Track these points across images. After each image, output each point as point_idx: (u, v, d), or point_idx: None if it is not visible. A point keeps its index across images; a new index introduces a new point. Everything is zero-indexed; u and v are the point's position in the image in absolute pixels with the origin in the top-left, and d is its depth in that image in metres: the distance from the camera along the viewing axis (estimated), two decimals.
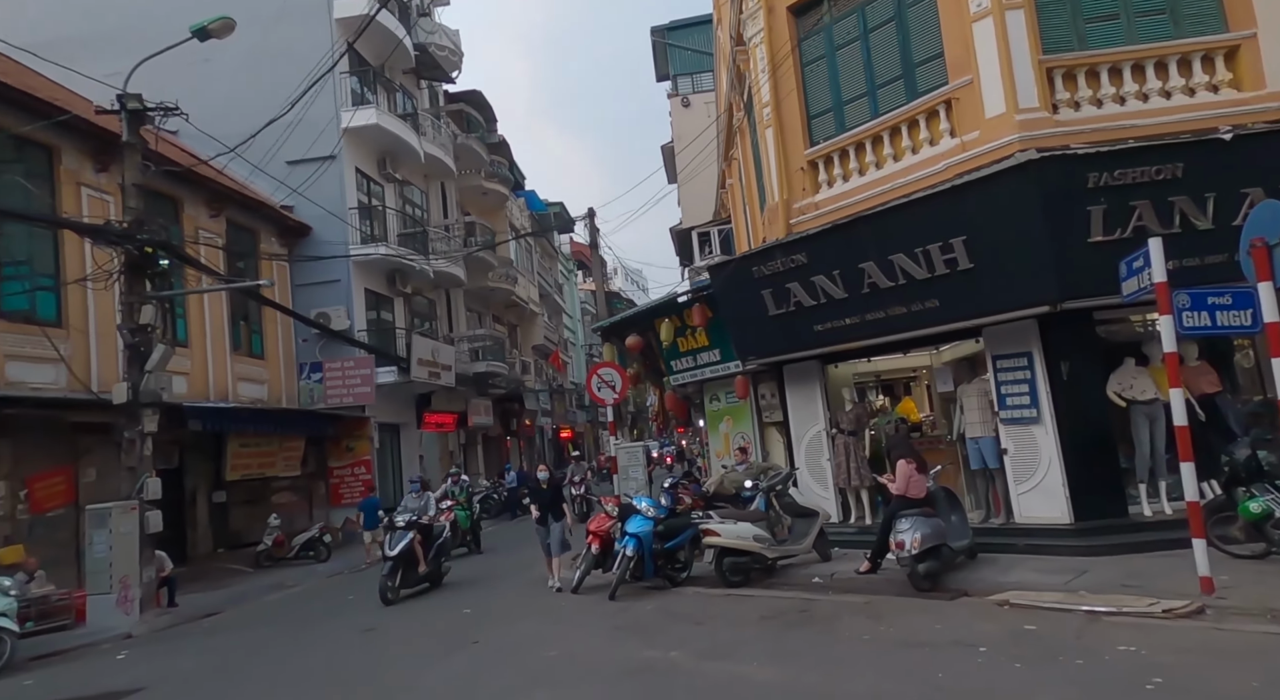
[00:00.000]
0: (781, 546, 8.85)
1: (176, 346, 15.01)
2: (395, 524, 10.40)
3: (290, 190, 18.19)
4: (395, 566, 10.08)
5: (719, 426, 12.17)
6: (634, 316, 12.31)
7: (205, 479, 15.49)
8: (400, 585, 10.07)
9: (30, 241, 12.32)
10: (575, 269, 43.74)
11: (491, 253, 25.05)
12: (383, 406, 19.02)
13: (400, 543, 10.12)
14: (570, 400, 37.70)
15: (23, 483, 11.59)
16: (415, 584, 10.38)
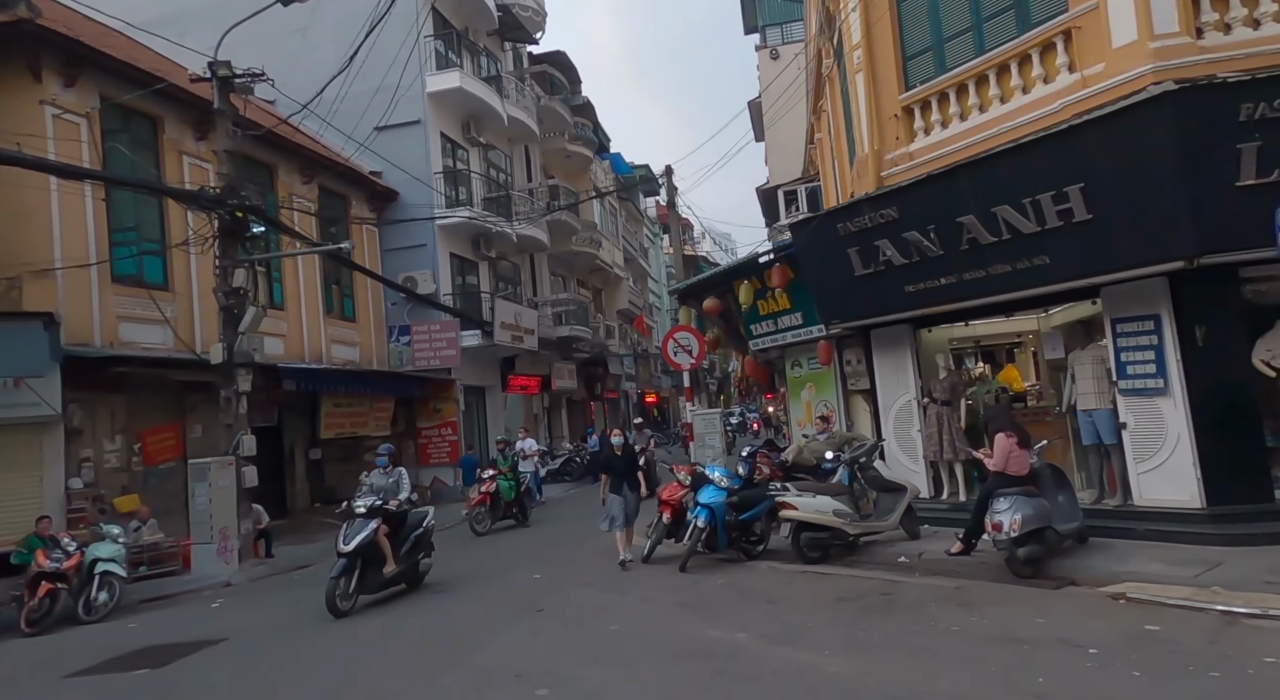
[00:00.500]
0: (865, 522, 8.25)
1: (272, 310, 15.58)
2: (355, 510, 8.00)
3: (378, 156, 18.44)
4: (349, 565, 7.60)
5: (800, 394, 11.53)
6: (712, 278, 11.74)
7: (302, 437, 16.10)
8: (358, 589, 7.76)
9: (138, 209, 12.85)
10: (660, 233, 43.11)
11: (575, 216, 24.81)
12: (468, 369, 19.26)
13: (357, 536, 7.65)
14: (655, 365, 37.44)
15: (137, 437, 12.27)
16: (378, 588, 8.02)
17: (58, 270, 11.17)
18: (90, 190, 11.64)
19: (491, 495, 12.81)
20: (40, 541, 9.45)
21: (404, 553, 8.32)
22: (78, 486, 10.92)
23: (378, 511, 7.94)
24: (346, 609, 7.46)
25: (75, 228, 11.52)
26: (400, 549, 8.26)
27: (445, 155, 19.92)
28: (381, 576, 7.95)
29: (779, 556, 8.51)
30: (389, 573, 8.02)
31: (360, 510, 7.89)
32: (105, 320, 11.87)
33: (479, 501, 12.74)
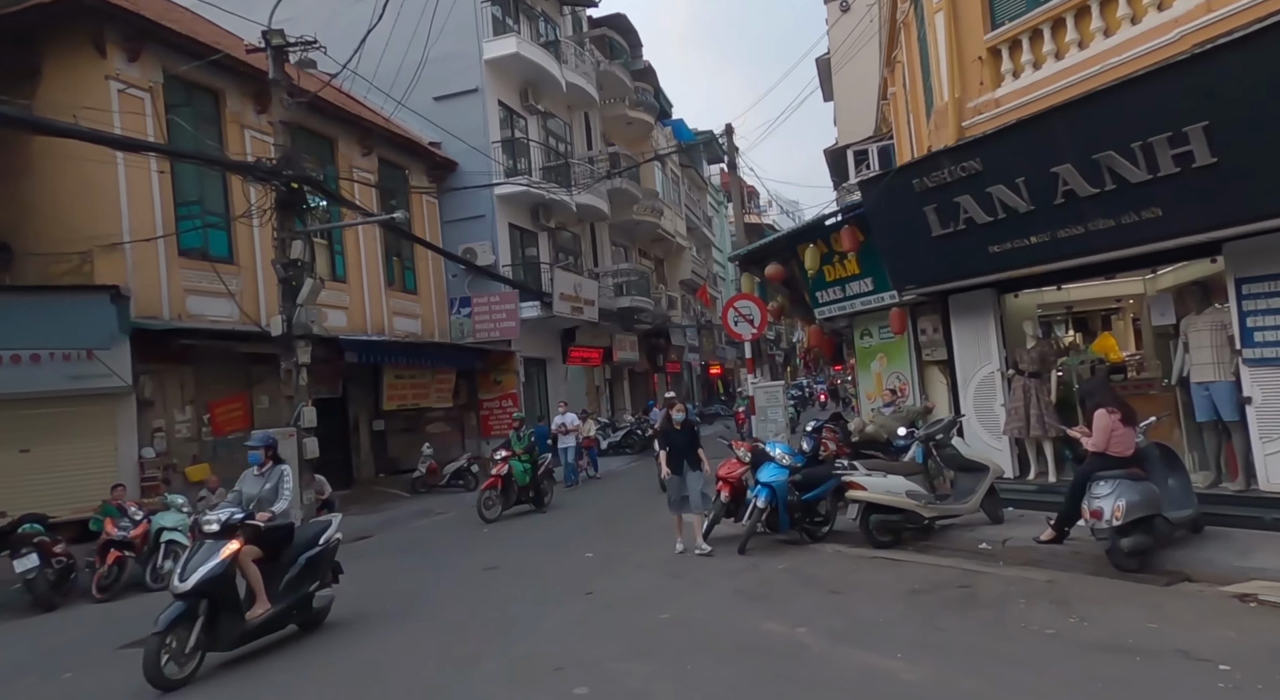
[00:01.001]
0: (941, 504, 7.54)
1: (335, 283, 15.64)
2: (204, 529, 5.54)
3: (437, 127, 18.22)
4: (185, 613, 5.18)
5: (870, 365, 10.76)
6: (775, 243, 11.02)
7: (366, 408, 16.22)
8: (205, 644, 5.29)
9: (202, 183, 12.93)
10: (725, 201, 41.99)
11: (636, 184, 24.19)
12: (528, 341, 19.07)
13: (199, 569, 5.24)
14: (719, 336, 36.69)
15: (206, 408, 12.49)
16: (239, 640, 5.49)
17: (126, 244, 11.33)
18: (155, 164, 11.75)
19: (503, 478, 11.72)
20: (114, 510, 9.70)
21: (285, 584, 5.84)
22: (150, 456, 11.16)
23: (234, 529, 5.50)
24: (179, 677, 5.07)
25: (142, 202, 11.65)
26: (281, 580, 5.82)
27: (504, 124, 19.57)
28: (243, 624, 5.47)
29: (845, 539, 7.90)
30: (258, 617, 5.55)
31: (211, 528, 5.42)
32: (173, 293, 12.03)
33: (489, 485, 11.71)
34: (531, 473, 12.02)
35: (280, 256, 11.61)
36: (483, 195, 18.72)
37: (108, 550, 8.58)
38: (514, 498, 11.86)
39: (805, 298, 11.54)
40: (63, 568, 8.34)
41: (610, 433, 20.98)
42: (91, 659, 5.94)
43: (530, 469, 12.00)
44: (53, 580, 8.16)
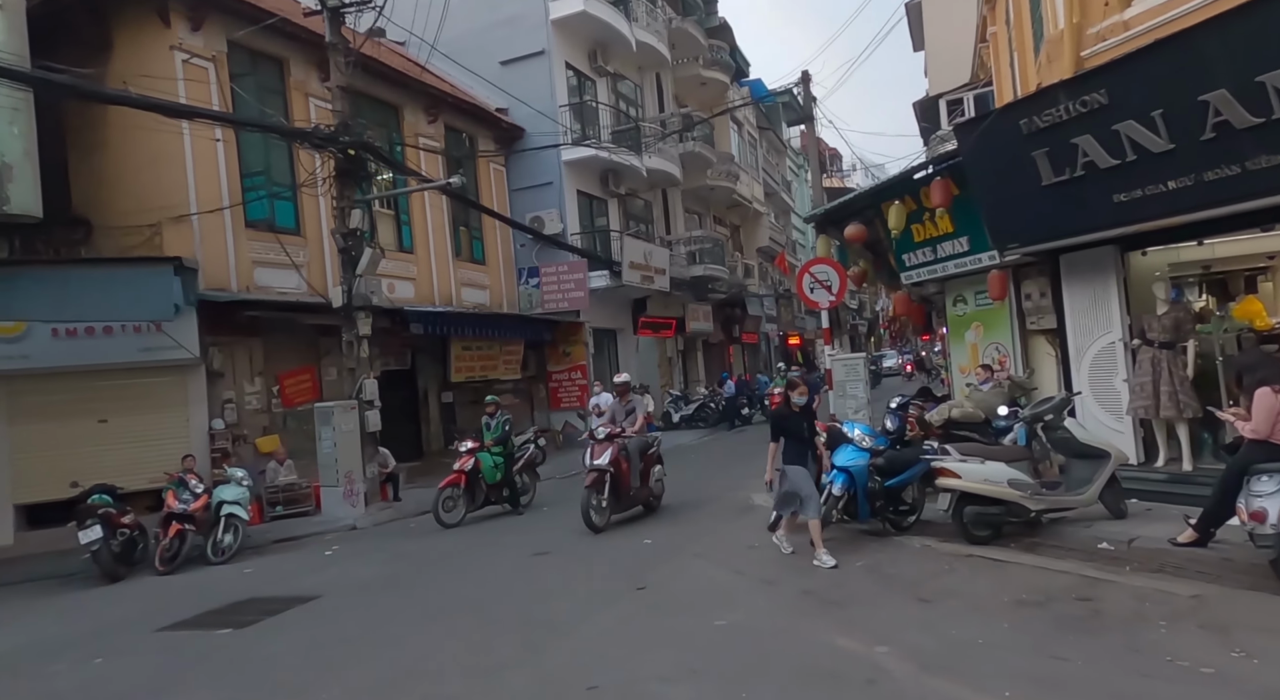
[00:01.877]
0: (1051, 496, 6.48)
1: (402, 253, 15.42)
2: None
3: (503, 93, 17.66)
4: None
5: (964, 335, 9.59)
6: (856, 201, 9.91)
7: (435, 380, 16.05)
8: None
9: (268, 153, 12.79)
10: (805, 164, 40.03)
11: (710, 148, 23.07)
12: (597, 311, 18.49)
13: None
14: (797, 306, 35.23)
15: (275, 379, 12.49)
16: None
17: (193, 216, 11.28)
18: (220, 134, 11.61)
19: (467, 475, 9.75)
20: (176, 483, 9.68)
21: None
22: (219, 427, 11.19)
23: None
24: None
25: (208, 173, 11.56)
26: None
27: (571, 89, 18.83)
28: None
29: (934, 531, 6.96)
30: None
31: None
32: (240, 265, 11.98)
33: (450, 482, 9.71)
34: (504, 468, 10.21)
35: (340, 226, 11.36)
36: (550, 161, 18.12)
37: (170, 523, 8.53)
38: (482, 498, 10.06)
39: (890, 261, 10.42)
40: (126, 539, 8.33)
41: (683, 406, 20.30)
42: (130, 641, 5.73)
43: (503, 463, 10.19)
44: (117, 552, 8.15)
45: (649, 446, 9.26)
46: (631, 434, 8.90)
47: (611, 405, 9.62)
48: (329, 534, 10.06)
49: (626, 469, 8.59)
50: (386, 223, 15.29)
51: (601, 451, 8.45)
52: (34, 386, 10.10)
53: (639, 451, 8.91)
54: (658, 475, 9.40)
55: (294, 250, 12.73)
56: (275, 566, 8.27)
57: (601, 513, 8.32)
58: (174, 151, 11.17)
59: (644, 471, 9.07)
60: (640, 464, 8.96)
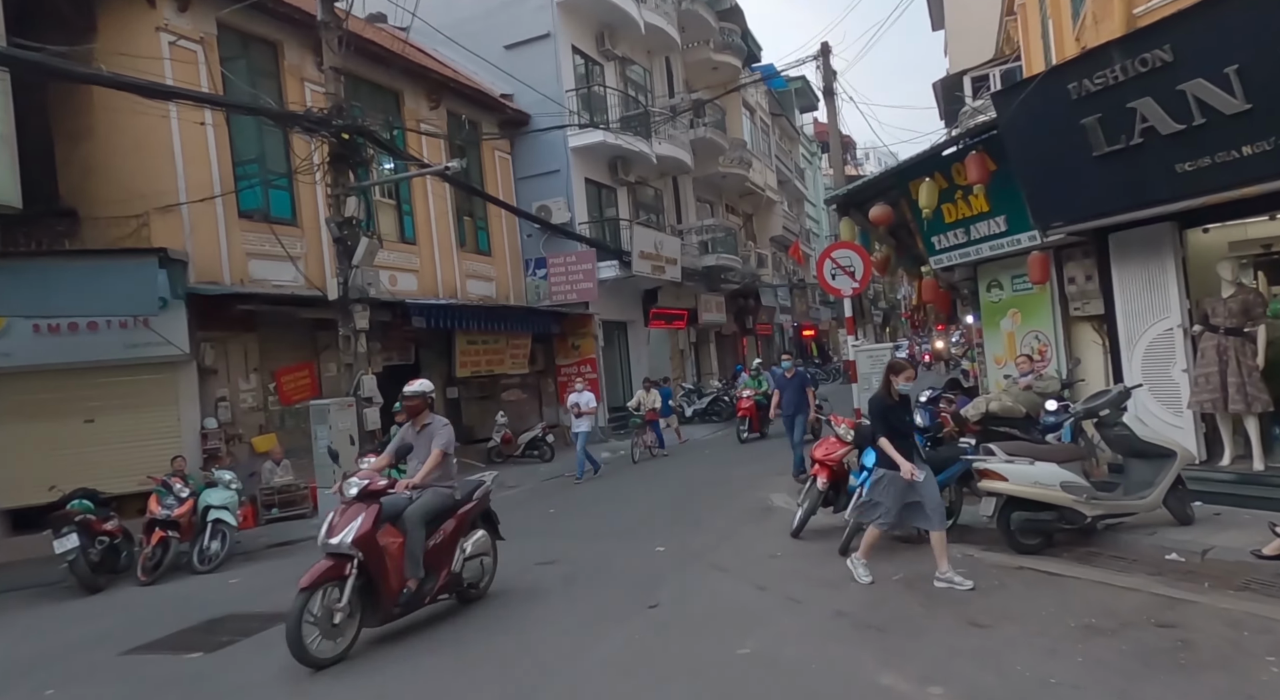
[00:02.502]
0: (1109, 500, 5.81)
1: (404, 245, 14.84)
2: None
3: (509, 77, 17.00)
4: None
5: (999, 323, 8.88)
6: (881, 180, 9.21)
7: (439, 375, 15.46)
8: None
9: (262, 140, 12.22)
10: (819, 152, 39.19)
11: (722, 134, 22.34)
12: (607, 303, 17.87)
13: None
14: (813, 296, 34.47)
15: (272, 376, 11.96)
16: None
17: (182, 205, 10.74)
18: (210, 117, 11.03)
19: None
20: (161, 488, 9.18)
21: None
22: (212, 426, 10.67)
23: None
24: None
25: (197, 160, 10.99)
26: None
27: (578, 75, 18.16)
28: None
29: (975, 537, 6.31)
30: None
31: None
32: (234, 257, 11.44)
33: None
34: None
35: (335, 215, 10.77)
36: (557, 149, 17.48)
37: (152, 530, 8.01)
38: None
39: (917, 245, 9.73)
40: (107, 547, 7.82)
41: (695, 399, 19.67)
42: (92, 665, 5.19)
43: None
44: (96, 561, 7.65)
45: (453, 505, 5.52)
46: (410, 487, 5.21)
47: (403, 432, 5.95)
48: None
49: (395, 554, 5.01)
50: (387, 213, 14.72)
51: (347, 521, 4.93)
52: (16, 385, 9.61)
53: (425, 516, 5.20)
54: (476, 549, 5.61)
55: (290, 241, 12.18)
56: (263, 576, 7.72)
57: (333, 631, 4.72)
58: (160, 137, 10.62)
59: (441, 550, 5.31)
60: (428, 538, 5.21)
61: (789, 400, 10.36)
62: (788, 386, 10.45)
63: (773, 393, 11.22)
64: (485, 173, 17.13)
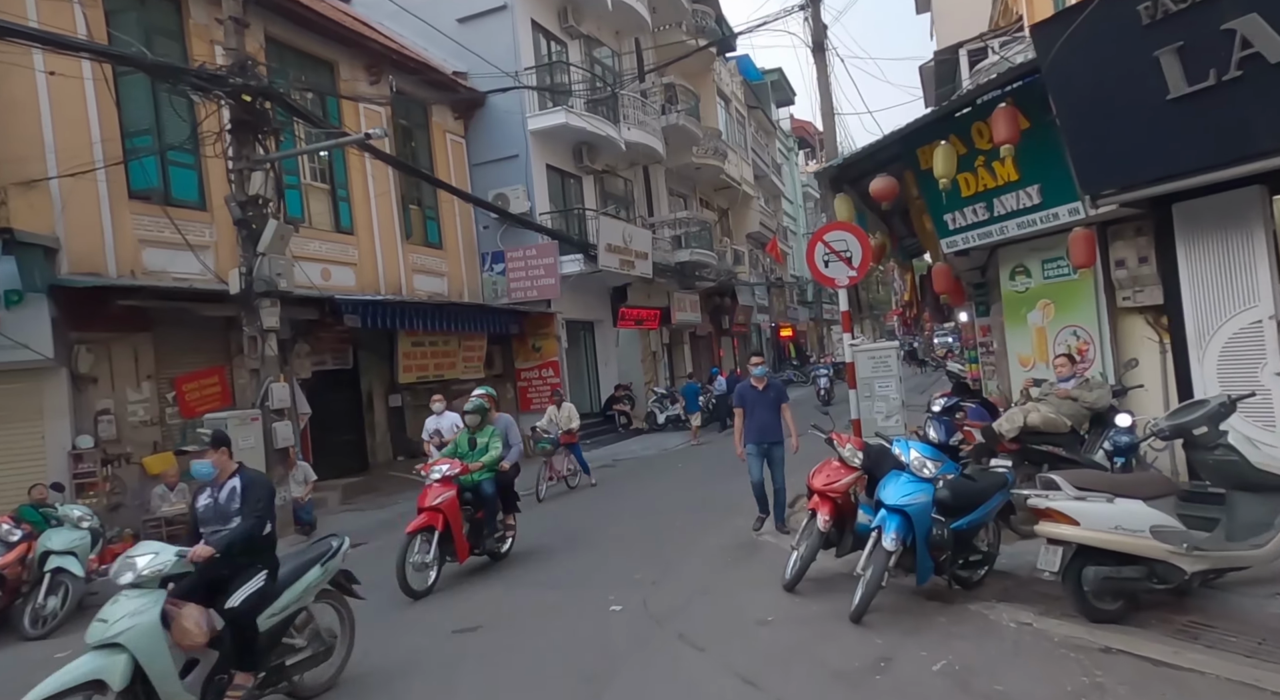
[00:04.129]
0: (1216, 549, 4.28)
1: (340, 235, 13.07)
2: None
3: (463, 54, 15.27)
4: None
5: (1025, 317, 7.38)
6: (884, 146, 7.69)
7: (381, 381, 13.74)
8: None
9: (158, 108, 10.33)
10: (795, 147, 37.81)
11: (696, 122, 20.79)
12: (572, 301, 16.21)
13: None
14: (791, 295, 33.08)
15: (171, 384, 10.14)
16: None
17: (51, 180, 8.90)
18: (90, 72, 9.14)
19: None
20: (33, 513, 7.42)
21: None
22: (87, 445, 8.82)
23: None
24: None
25: (74, 126, 9.13)
26: None
27: (539, 54, 16.51)
28: None
29: (1020, 592, 4.78)
30: None
31: None
32: (122, 244, 9.61)
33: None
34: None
35: (237, 192, 9.02)
36: (515, 132, 15.81)
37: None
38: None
39: (923, 226, 8.22)
40: None
41: (669, 405, 18.07)
42: None
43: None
44: None
45: None
46: None
47: None
48: None
49: None
50: (320, 198, 12.95)
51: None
52: None
53: None
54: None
55: (195, 227, 10.41)
56: None
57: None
58: (22, 95, 8.77)
59: None
60: None
61: (760, 425, 6.97)
62: (758, 404, 7.04)
63: (734, 411, 7.38)
64: (436, 158, 15.40)
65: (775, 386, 7.23)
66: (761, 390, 7.10)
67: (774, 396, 7.11)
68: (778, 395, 7.15)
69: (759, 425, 7.00)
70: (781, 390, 7.27)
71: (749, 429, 7.08)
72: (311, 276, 11.98)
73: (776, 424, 7.03)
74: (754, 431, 7.02)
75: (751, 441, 7.03)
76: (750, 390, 7.16)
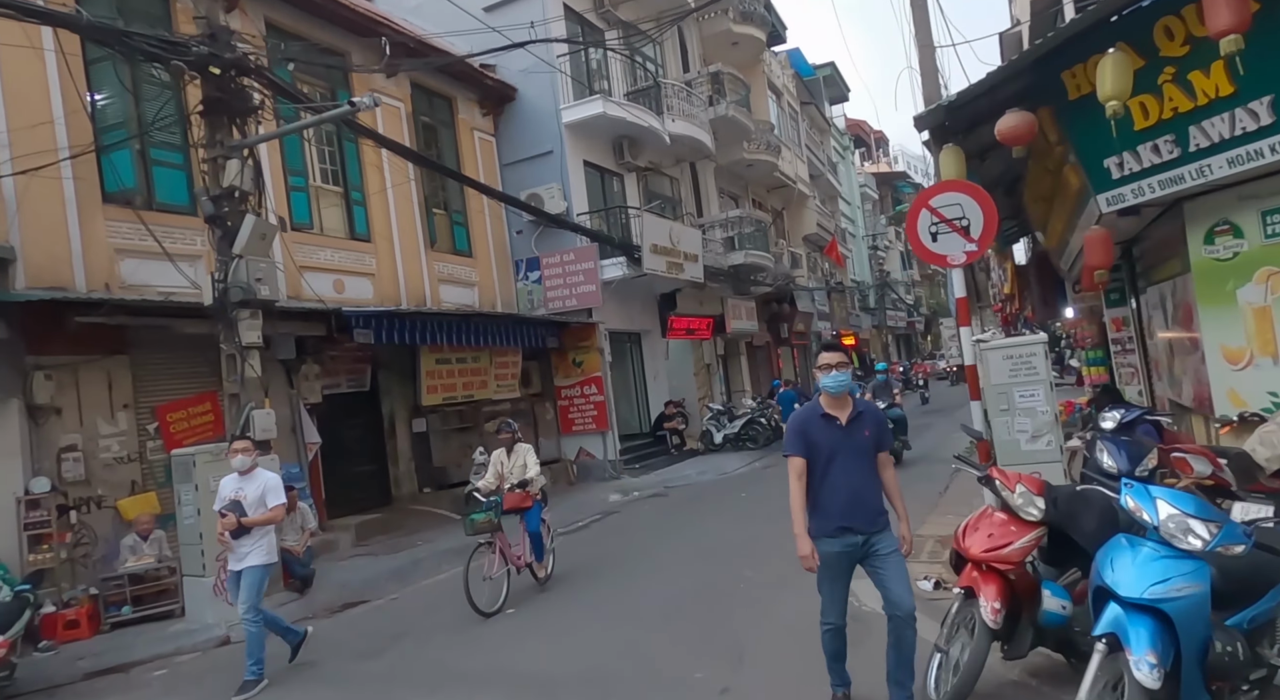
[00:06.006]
0: None
1: (356, 242, 11.62)
2: None
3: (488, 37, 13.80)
4: None
5: (1233, 293, 5.20)
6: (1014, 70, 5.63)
7: (404, 404, 12.18)
8: None
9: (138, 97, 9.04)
10: (851, 146, 35.52)
11: (746, 113, 18.92)
12: (616, 310, 14.47)
13: None
14: (852, 300, 30.74)
15: (153, 414, 8.72)
16: None
17: (4, 179, 7.59)
18: (53, 42, 7.79)
19: None
20: None
21: None
22: (42, 489, 7.34)
23: None
24: None
25: (31, 111, 7.81)
26: None
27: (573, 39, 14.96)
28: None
29: None
30: None
31: None
32: (93, 254, 8.27)
33: None
34: None
35: (210, 184, 7.56)
36: (549, 126, 14.26)
37: None
38: None
39: (1071, 179, 6.16)
40: None
41: (726, 423, 16.10)
42: None
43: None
44: None
45: None
46: None
47: None
48: (180, 655, 6.21)
49: None
50: (331, 202, 11.56)
51: None
52: None
53: None
54: None
55: (184, 234, 9.05)
56: None
57: None
58: None
59: None
60: None
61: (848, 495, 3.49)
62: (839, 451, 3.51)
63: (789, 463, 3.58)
64: (463, 157, 13.94)
65: (870, 415, 3.60)
66: (844, 426, 3.52)
67: (871, 436, 3.55)
68: (877, 434, 3.57)
69: (844, 496, 3.47)
70: (881, 424, 3.63)
71: (823, 502, 3.51)
72: (322, 288, 10.57)
73: (874, 489, 3.55)
74: (836, 507, 3.47)
75: (829, 528, 3.49)
76: (817, 423, 3.55)
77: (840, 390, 3.54)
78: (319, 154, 11.47)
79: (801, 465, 3.52)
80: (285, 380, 10.10)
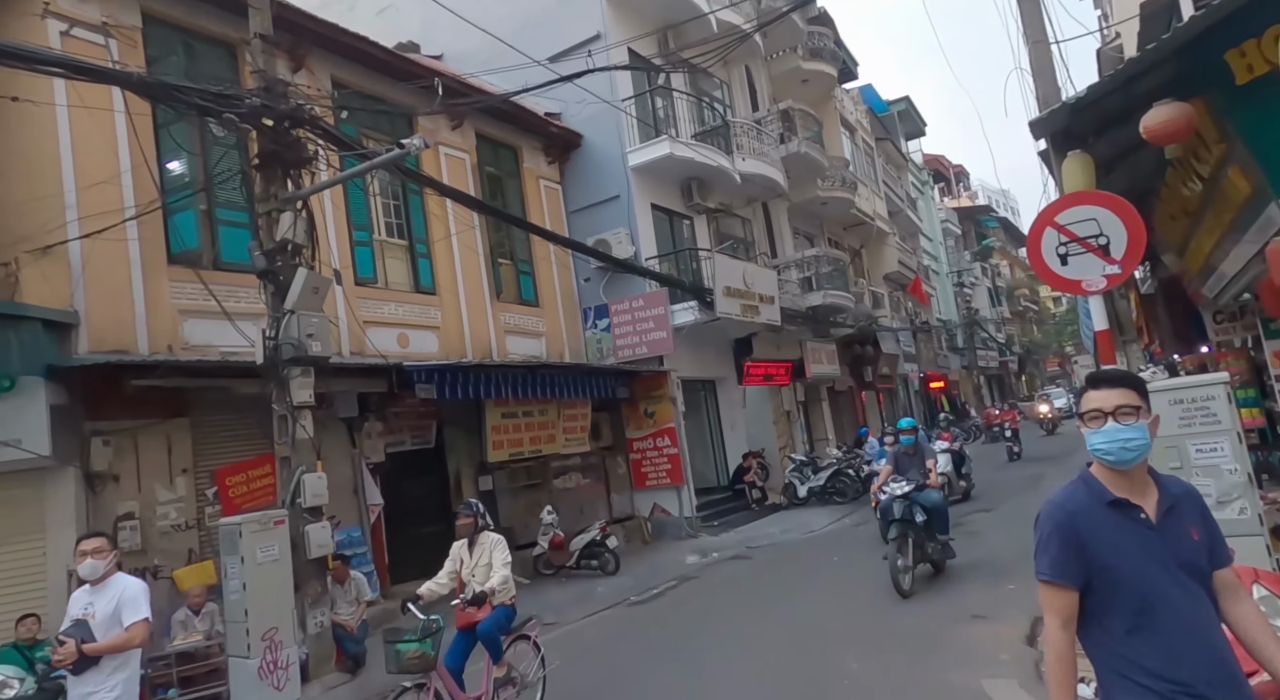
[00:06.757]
0: None
1: (421, 295, 11.35)
2: None
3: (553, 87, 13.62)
4: None
5: None
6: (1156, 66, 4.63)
7: (470, 461, 11.61)
8: None
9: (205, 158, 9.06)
10: (930, 181, 34.08)
11: (820, 149, 18.16)
12: (688, 357, 13.68)
13: None
14: (939, 340, 28.94)
15: (212, 478, 8.41)
16: None
17: (71, 242, 7.54)
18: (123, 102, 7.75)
19: None
20: (15, 654, 5.71)
21: None
22: None
23: None
24: None
25: (98, 169, 7.76)
26: None
27: (639, 84, 14.67)
28: None
29: None
30: None
31: None
32: (157, 316, 8.12)
33: None
34: None
35: (264, 239, 7.28)
36: (615, 170, 13.86)
37: None
38: None
39: (1235, 184, 5.05)
40: None
41: (810, 475, 14.87)
42: None
43: None
44: None
45: None
46: None
47: None
48: None
49: None
50: (396, 255, 11.33)
51: None
52: None
53: None
54: None
55: (249, 293, 8.79)
56: None
57: None
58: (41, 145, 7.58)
59: None
60: None
61: (1191, 625, 1.90)
62: (1159, 561, 1.94)
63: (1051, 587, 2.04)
64: (529, 206, 13.65)
65: (1190, 501, 2.07)
66: (1154, 523, 1.97)
67: (1202, 539, 2.00)
68: (1209, 535, 2.03)
69: (1187, 659, 1.87)
70: (1209, 514, 2.09)
71: (1136, 674, 1.90)
72: (386, 343, 10.25)
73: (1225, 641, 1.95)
74: (1166, 683, 1.86)
75: None
76: (1103, 519, 1.99)
77: (1135, 459, 1.98)
78: (384, 208, 11.32)
79: (1070, 603, 1.97)
80: (347, 439, 9.71)
